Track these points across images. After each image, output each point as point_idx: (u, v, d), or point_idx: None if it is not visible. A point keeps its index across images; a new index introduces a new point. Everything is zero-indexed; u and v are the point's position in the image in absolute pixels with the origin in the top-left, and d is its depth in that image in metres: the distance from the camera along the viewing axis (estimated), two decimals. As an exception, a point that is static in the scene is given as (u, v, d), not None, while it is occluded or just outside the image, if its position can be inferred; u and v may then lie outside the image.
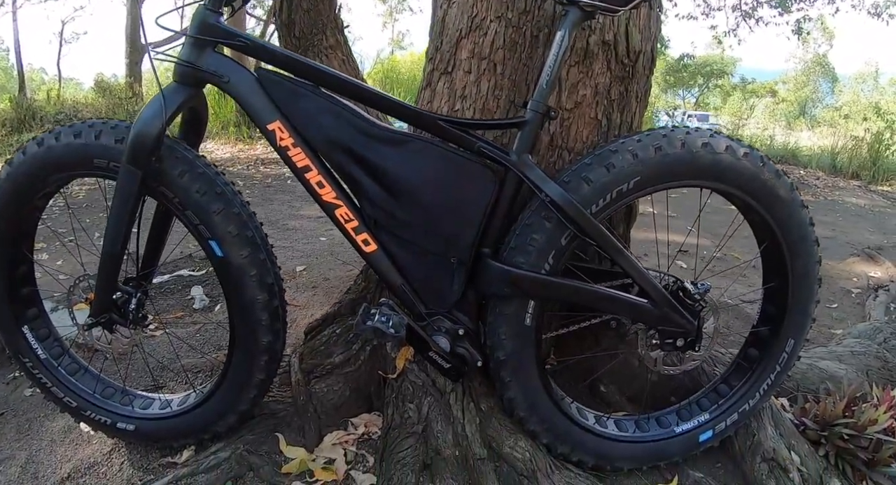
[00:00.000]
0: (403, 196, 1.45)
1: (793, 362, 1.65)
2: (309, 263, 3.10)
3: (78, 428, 1.93)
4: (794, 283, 1.58)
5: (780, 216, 1.53)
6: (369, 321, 1.42)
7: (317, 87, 1.46)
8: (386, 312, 1.43)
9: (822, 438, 1.73)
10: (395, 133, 1.45)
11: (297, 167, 1.46)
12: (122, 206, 1.48)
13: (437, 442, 1.61)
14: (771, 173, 1.50)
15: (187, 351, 2.21)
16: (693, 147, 1.45)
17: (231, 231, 1.50)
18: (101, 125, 1.53)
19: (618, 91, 1.59)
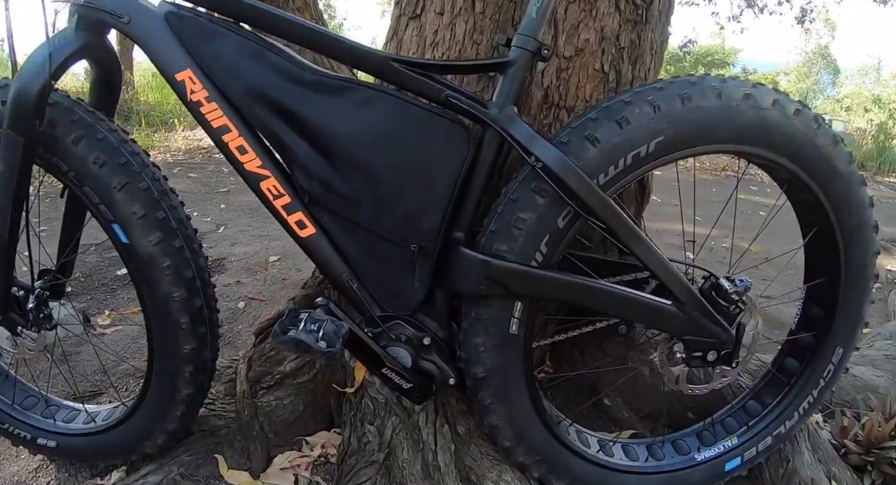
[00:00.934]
0: (345, 162, 0.96)
1: (839, 376, 1.14)
2: (283, 254, 2.57)
3: (5, 442, 1.49)
4: (847, 279, 1.08)
5: (836, 195, 1.03)
6: (291, 330, 0.91)
7: (238, 24, 0.98)
8: (318, 318, 0.94)
9: (868, 463, 1.22)
10: (334, 78, 0.96)
11: (213, 127, 0.98)
12: (6, 180, 1.02)
13: (401, 474, 1.13)
14: (827, 139, 1.00)
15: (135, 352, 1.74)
16: (731, 99, 0.95)
17: (136, 212, 1.03)
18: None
19: (628, 38, 1.09)
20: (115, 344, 1.74)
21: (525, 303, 0.99)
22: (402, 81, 0.93)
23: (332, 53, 0.95)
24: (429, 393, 1.03)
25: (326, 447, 1.28)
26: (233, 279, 2.22)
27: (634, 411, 1.30)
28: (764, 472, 1.19)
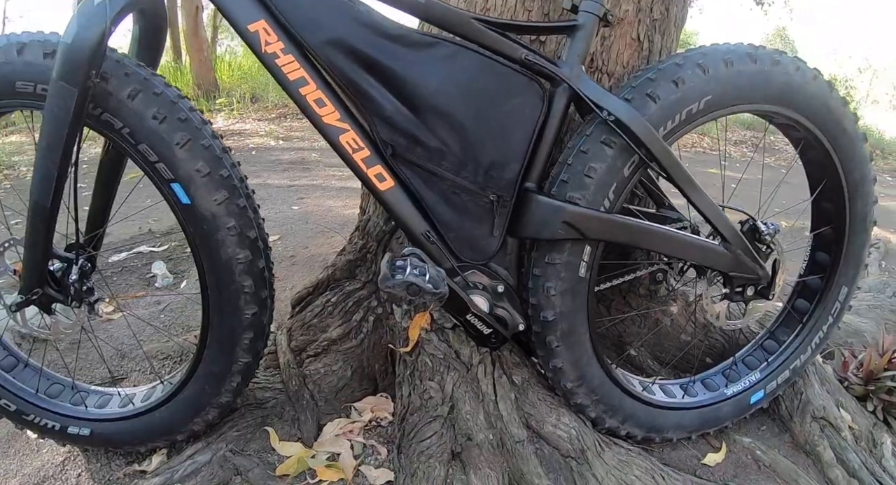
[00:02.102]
0: (432, 114, 0.86)
1: (844, 313, 1.13)
2: (283, 233, 2.31)
3: (24, 435, 1.21)
4: (851, 227, 1.09)
5: (844, 151, 1.04)
6: (399, 275, 0.81)
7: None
8: (417, 264, 0.81)
9: (869, 393, 1.22)
10: (417, 33, 0.85)
11: (290, 80, 0.83)
12: (55, 138, 0.83)
13: (467, 425, 1.00)
14: (838, 102, 1.01)
15: (150, 334, 1.48)
16: (764, 64, 0.94)
17: (200, 170, 0.85)
18: (25, 37, 0.87)
19: (660, 10, 1.05)
20: (124, 329, 1.46)
21: (593, 247, 0.90)
22: (484, 40, 0.87)
23: (412, 9, 0.82)
24: (504, 339, 0.91)
25: (376, 412, 1.13)
26: None
27: (658, 360, 1.22)
28: (781, 405, 1.18)
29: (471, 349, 1.05)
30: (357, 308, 1.13)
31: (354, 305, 1.14)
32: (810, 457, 1.10)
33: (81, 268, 0.94)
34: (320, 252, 1.86)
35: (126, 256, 1.98)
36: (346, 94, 0.86)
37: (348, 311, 1.14)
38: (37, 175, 0.85)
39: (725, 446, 1.13)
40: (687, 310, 1.21)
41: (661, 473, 1.02)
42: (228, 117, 5.79)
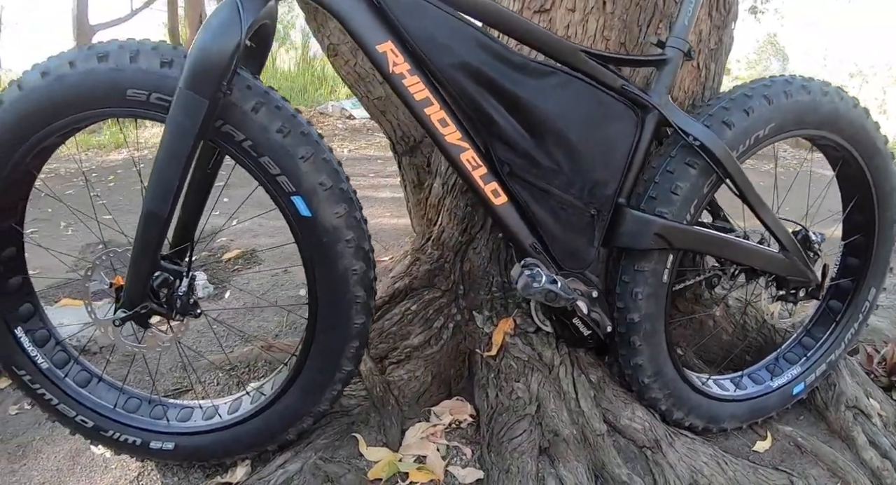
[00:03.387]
0: (549, 137, 0.97)
1: (873, 311, 1.31)
2: None
3: (88, 451, 1.23)
4: (880, 234, 1.29)
5: (877, 168, 1.23)
6: (536, 283, 0.93)
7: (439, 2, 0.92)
8: (544, 273, 0.91)
9: (893, 383, 1.43)
10: (536, 63, 0.98)
11: (415, 100, 0.92)
12: (179, 148, 0.88)
13: (553, 422, 1.12)
14: (873, 125, 1.21)
15: (206, 346, 1.50)
16: (816, 95, 1.13)
17: (324, 183, 0.92)
18: (136, 45, 0.90)
19: (715, 40, 1.21)
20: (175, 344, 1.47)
21: (675, 255, 1.03)
22: (588, 69, 1.00)
23: (525, 38, 0.95)
24: (599, 339, 1.03)
25: (455, 414, 1.20)
26: (279, 268, 1.98)
27: (701, 359, 1.37)
28: (817, 396, 1.34)
29: (552, 352, 1.16)
30: (438, 315, 1.22)
31: (435, 312, 1.22)
32: (845, 442, 1.28)
33: (190, 281, 0.98)
34: None
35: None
36: (466, 115, 0.95)
37: (429, 318, 1.22)
38: (153, 184, 0.89)
39: (770, 435, 1.29)
40: (728, 312, 1.37)
41: (724, 458, 1.16)
42: None
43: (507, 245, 1.19)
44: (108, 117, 0.95)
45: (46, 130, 0.93)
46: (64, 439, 1.25)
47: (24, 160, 0.97)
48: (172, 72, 0.88)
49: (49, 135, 0.94)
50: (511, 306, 1.19)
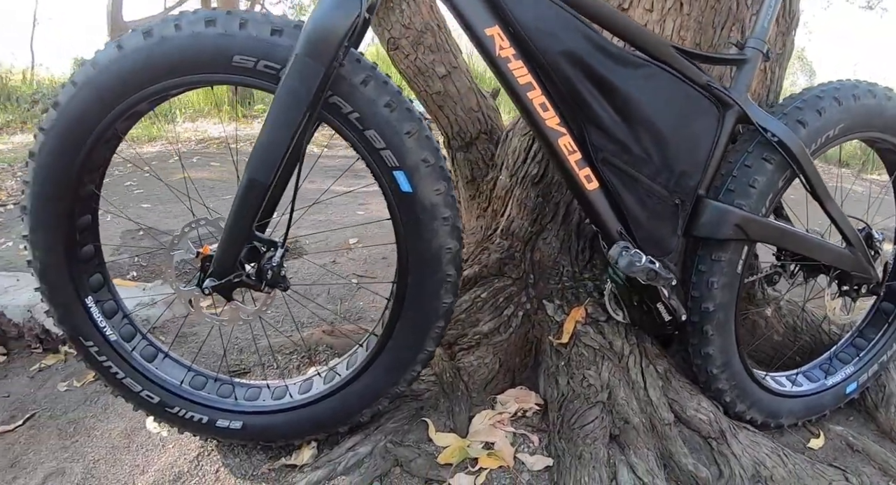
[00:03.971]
0: (641, 125, 1.03)
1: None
2: (359, 236, 2.40)
3: (143, 430, 1.22)
4: None
5: None
6: (639, 262, 0.99)
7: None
8: (643, 254, 0.96)
9: None
10: (632, 54, 1.03)
11: (518, 84, 0.97)
12: (290, 115, 0.91)
13: (623, 410, 1.16)
14: None
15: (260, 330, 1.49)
16: (881, 99, 1.21)
17: (427, 160, 0.95)
18: (244, 13, 0.92)
19: (780, 44, 1.28)
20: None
21: (750, 247, 1.08)
22: (677, 65, 1.05)
23: (621, 31, 1.00)
24: (677, 326, 1.07)
25: (520, 403, 1.22)
26: (328, 259, 1.99)
27: (752, 358, 1.42)
28: (867, 398, 1.40)
29: (622, 341, 1.20)
30: (508, 304, 1.25)
31: (505, 300, 1.25)
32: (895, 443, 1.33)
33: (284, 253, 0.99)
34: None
35: None
36: (564, 101, 0.99)
37: (498, 306, 1.25)
38: (259, 151, 0.92)
39: (823, 433, 1.34)
40: (779, 313, 1.43)
41: (784, 452, 1.20)
42: None
43: (578, 236, 1.23)
44: (206, 84, 0.97)
45: (142, 93, 0.95)
46: (118, 416, 1.24)
47: (115, 122, 0.98)
48: (283, 40, 0.91)
49: (144, 99, 0.96)
50: (583, 296, 1.23)
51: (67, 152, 0.99)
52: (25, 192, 1.02)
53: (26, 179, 1.01)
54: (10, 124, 6.94)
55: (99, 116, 0.97)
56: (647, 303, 1.07)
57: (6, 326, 1.50)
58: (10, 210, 3.25)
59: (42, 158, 1.00)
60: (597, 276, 1.23)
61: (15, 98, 8.01)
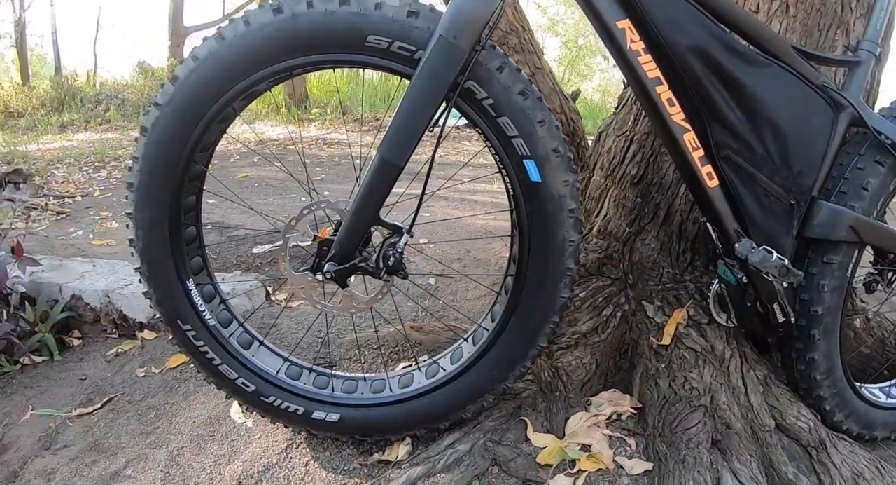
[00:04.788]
0: (763, 123, 1.06)
1: None
2: (429, 238, 2.40)
3: (228, 418, 1.22)
4: None
5: None
6: (770, 257, 1.04)
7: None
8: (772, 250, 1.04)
9: None
10: (757, 53, 1.06)
11: (647, 78, 1.00)
12: (429, 95, 0.93)
13: (725, 415, 1.17)
14: None
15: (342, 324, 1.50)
16: None
17: (557, 150, 0.97)
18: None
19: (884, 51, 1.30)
20: (309, 317, 1.48)
21: (860, 250, 1.11)
22: (797, 65, 1.09)
23: (743, 28, 1.04)
24: (789, 328, 1.09)
25: (615, 406, 1.23)
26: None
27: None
28: None
29: (724, 344, 1.22)
30: (607, 304, 1.27)
31: (604, 300, 1.27)
32: None
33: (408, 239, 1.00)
34: (485, 257, 1.95)
35: (270, 249, 1.95)
36: (689, 97, 1.02)
37: (597, 306, 1.27)
38: (393, 132, 0.93)
39: (910, 448, 1.36)
40: (868, 325, 1.45)
41: (881, 464, 1.22)
42: (321, 127, 6.32)
43: (679, 238, 1.25)
44: (334, 65, 0.99)
45: (266, 71, 0.96)
46: (200, 405, 1.23)
47: (234, 101, 0.99)
48: (419, 23, 0.93)
49: (267, 77, 0.97)
50: (684, 298, 1.24)
51: (182, 129, 1.00)
52: (133, 168, 1.02)
53: (136, 155, 1.02)
54: (74, 123, 7.80)
55: (219, 93, 0.98)
56: (763, 304, 1.09)
57: (83, 310, 1.50)
58: (78, 202, 3.37)
59: (155, 133, 1.00)
60: (698, 278, 1.25)
61: (79, 99, 8.77)
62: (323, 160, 4.85)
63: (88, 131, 7.20)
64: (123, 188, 2.21)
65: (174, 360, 1.40)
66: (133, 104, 8.35)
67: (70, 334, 1.56)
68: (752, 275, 1.07)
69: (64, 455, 1.18)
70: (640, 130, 1.31)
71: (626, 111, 1.37)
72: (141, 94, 8.73)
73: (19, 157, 4.81)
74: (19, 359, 1.45)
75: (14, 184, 3.48)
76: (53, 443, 1.21)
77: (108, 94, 8.97)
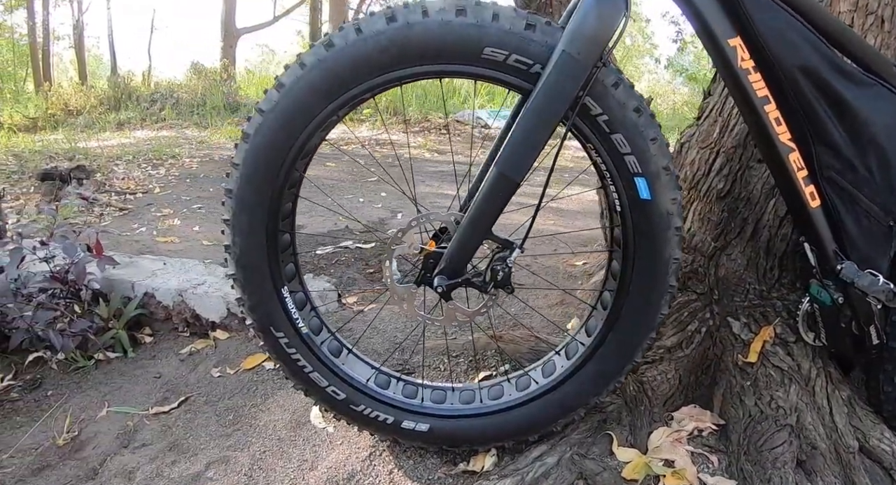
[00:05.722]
0: (867, 144, 1.09)
1: None
2: None
3: (308, 423, 1.25)
4: None
5: None
6: (878, 282, 1.08)
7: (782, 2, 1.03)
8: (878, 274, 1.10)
9: None
10: (862, 73, 1.08)
11: (756, 97, 1.02)
12: (550, 111, 0.95)
13: (811, 435, 1.21)
14: None
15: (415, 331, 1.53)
16: None
17: (668, 168, 1.00)
18: (493, 5, 0.97)
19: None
20: (386, 323, 1.51)
21: (955, 276, 1.13)
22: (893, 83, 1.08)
23: (846, 46, 1.07)
24: (881, 350, 1.12)
25: (696, 421, 1.26)
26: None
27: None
28: None
29: (810, 363, 1.25)
30: (692, 319, 1.30)
31: (689, 315, 1.30)
32: None
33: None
34: (553, 264, 1.97)
35: (333, 251, 1.98)
36: (796, 116, 1.05)
37: (682, 321, 1.30)
38: (512, 147, 0.95)
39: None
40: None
41: (961, 489, 1.26)
42: (372, 128, 6.49)
43: (766, 254, 1.28)
44: (447, 76, 1.01)
45: (377, 80, 0.97)
46: (280, 408, 1.27)
47: (341, 109, 1.01)
48: (536, 36, 0.95)
49: (377, 86, 0.99)
50: (771, 315, 1.27)
51: (286, 136, 1.02)
52: (232, 174, 1.04)
53: (235, 162, 1.04)
54: (130, 121, 8.31)
55: (326, 101, 1.00)
56: (859, 325, 1.13)
57: (155, 307, 1.53)
58: (139, 198, 3.51)
59: (257, 139, 1.02)
60: (785, 295, 1.28)
61: (135, 98, 9.31)
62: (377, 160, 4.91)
63: (145, 129, 7.59)
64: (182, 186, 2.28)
65: (249, 361, 1.44)
66: (187, 103, 8.74)
67: (141, 331, 1.61)
68: (851, 297, 1.10)
69: (143, 454, 1.22)
70: (727, 143, 1.33)
71: (710, 123, 1.39)
72: (194, 94, 9.14)
73: (80, 153, 5.03)
74: (94, 355, 1.49)
75: (77, 180, 3.64)
76: (132, 441, 1.25)
77: (162, 93, 9.45)
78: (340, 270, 1.87)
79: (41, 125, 8.76)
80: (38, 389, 1.41)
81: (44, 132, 8.06)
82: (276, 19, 14.27)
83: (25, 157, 4.95)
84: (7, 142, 6.26)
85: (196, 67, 11.06)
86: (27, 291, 1.42)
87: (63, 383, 1.46)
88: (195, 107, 8.46)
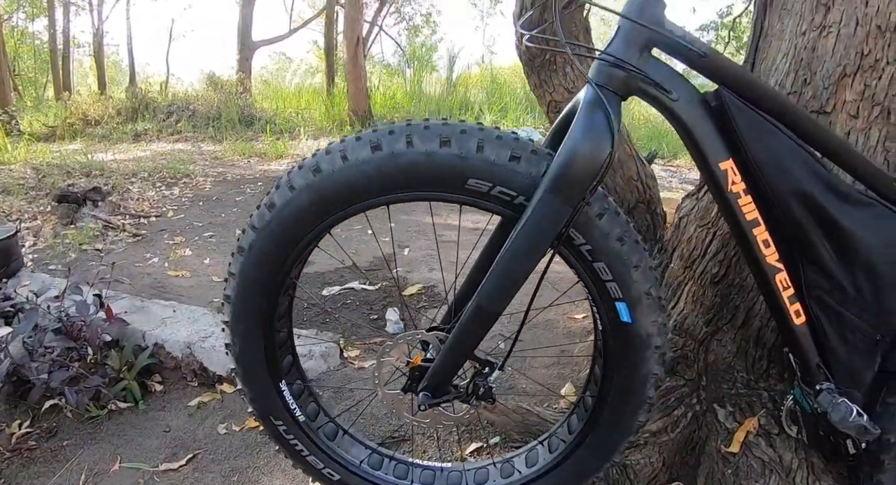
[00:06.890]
0: (858, 266, 1.12)
1: None
2: None
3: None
4: None
5: None
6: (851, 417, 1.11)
7: (778, 122, 1.05)
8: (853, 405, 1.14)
9: None
10: (860, 193, 1.10)
11: (746, 219, 1.07)
12: (529, 249, 0.99)
13: None
14: None
15: None
16: None
17: (650, 292, 1.06)
18: (478, 132, 1.00)
19: None
20: None
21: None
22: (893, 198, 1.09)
23: (845, 162, 1.09)
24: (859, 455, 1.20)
25: (675, 504, 1.36)
26: None
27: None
28: None
29: (792, 455, 1.33)
30: (678, 404, 1.38)
31: (676, 400, 1.38)
32: None
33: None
34: (553, 317, 2.06)
35: (339, 291, 2.09)
36: (784, 237, 1.08)
37: (669, 405, 1.38)
38: (494, 280, 1.02)
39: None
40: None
41: None
42: None
43: (756, 344, 1.34)
44: (432, 200, 1.07)
45: (364, 204, 1.02)
46: (282, 472, 1.41)
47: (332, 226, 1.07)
48: (520, 167, 0.99)
49: (366, 208, 1.04)
50: (756, 406, 1.35)
51: (277, 251, 1.08)
52: (230, 283, 1.13)
53: (232, 271, 1.12)
54: (147, 132, 8.78)
55: (314, 222, 1.06)
56: (835, 437, 1.19)
57: (164, 357, 1.67)
58: (153, 223, 3.68)
59: (252, 255, 1.08)
60: (772, 386, 1.35)
61: (152, 109, 9.81)
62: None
63: (161, 141, 8.04)
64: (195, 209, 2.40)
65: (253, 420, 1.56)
66: (203, 116, 9.16)
67: (152, 379, 1.76)
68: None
69: (154, 513, 1.37)
70: (723, 227, 1.37)
71: (709, 200, 1.42)
72: (210, 107, 9.58)
73: (96, 168, 5.33)
74: (106, 404, 1.64)
75: (93, 202, 3.79)
76: (143, 499, 1.40)
77: (179, 105, 9.96)
78: (346, 314, 1.97)
79: (60, 134, 9.19)
80: (54, 437, 1.58)
81: (62, 142, 8.44)
82: (292, 32, 14.73)
83: (44, 170, 5.24)
84: (26, 153, 6.53)
85: (212, 79, 11.49)
86: (41, 350, 1.55)
87: (77, 432, 1.61)
88: (211, 120, 8.85)
